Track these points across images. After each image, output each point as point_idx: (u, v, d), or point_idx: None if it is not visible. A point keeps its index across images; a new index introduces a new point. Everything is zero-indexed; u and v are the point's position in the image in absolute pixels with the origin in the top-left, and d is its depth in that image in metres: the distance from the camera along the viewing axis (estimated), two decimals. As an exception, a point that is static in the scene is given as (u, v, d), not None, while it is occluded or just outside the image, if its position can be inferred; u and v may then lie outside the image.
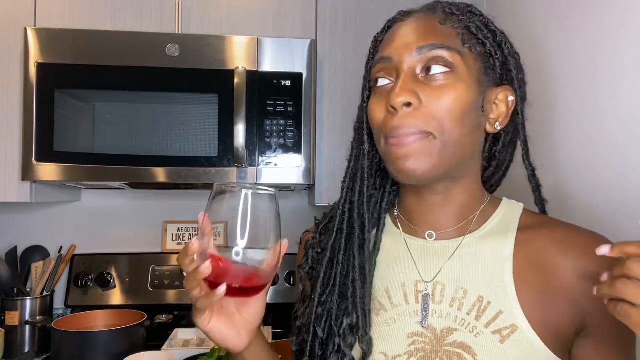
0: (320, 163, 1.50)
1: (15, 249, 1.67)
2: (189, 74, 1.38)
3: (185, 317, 1.71)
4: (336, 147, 1.51)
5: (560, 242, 0.64)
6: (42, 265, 1.66)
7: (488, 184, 0.76)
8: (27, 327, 1.55)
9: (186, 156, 1.37)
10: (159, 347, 1.41)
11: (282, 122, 1.40)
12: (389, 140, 0.64)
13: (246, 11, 1.51)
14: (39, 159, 1.35)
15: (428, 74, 0.63)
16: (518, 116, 0.68)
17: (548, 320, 0.61)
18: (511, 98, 0.67)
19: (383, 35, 0.71)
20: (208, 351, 1.33)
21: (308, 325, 0.69)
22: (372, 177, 0.72)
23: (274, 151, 1.40)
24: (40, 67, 1.35)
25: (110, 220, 1.82)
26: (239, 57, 1.40)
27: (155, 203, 1.83)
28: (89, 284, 1.71)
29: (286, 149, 1.41)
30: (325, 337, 0.68)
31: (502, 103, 0.67)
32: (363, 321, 0.65)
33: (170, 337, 1.51)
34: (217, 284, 0.57)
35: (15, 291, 1.57)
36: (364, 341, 0.65)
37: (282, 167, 1.41)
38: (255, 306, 0.65)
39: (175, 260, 1.76)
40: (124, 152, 1.36)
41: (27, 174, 1.35)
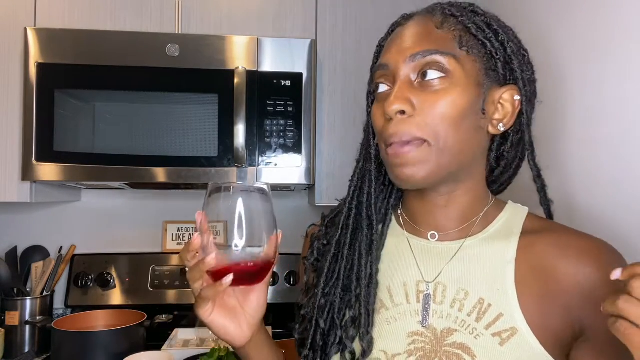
0: (320, 163, 1.50)
1: (15, 249, 1.67)
2: (189, 74, 1.38)
3: (185, 317, 1.71)
4: (336, 147, 1.52)
5: (563, 248, 0.64)
6: (42, 265, 1.66)
7: (497, 183, 0.76)
8: (27, 327, 1.55)
9: (186, 156, 1.38)
10: (159, 347, 1.41)
11: (282, 122, 1.40)
12: (387, 148, 0.65)
13: (246, 11, 1.51)
14: (39, 159, 1.35)
15: (423, 79, 0.63)
16: (523, 116, 0.67)
17: (548, 324, 0.62)
18: (517, 97, 0.66)
19: (385, 40, 0.71)
20: (208, 351, 1.33)
21: (311, 316, 0.70)
22: (380, 176, 0.73)
23: (274, 151, 1.40)
24: (40, 67, 1.35)
25: (110, 220, 1.82)
26: (239, 57, 1.40)
27: (155, 203, 1.83)
28: (89, 284, 1.71)
29: (286, 149, 1.41)
30: (327, 329, 0.68)
31: (508, 103, 0.66)
32: (366, 319, 0.66)
33: (170, 337, 1.51)
34: (219, 275, 0.60)
35: (15, 291, 1.57)
36: (365, 339, 0.65)
37: (282, 167, 1.41)
38: (256, 300, 0.67)
39: (175, 260, 1.76)
40: (124, 152, 1.36)
41: (27, 174, 1.35)
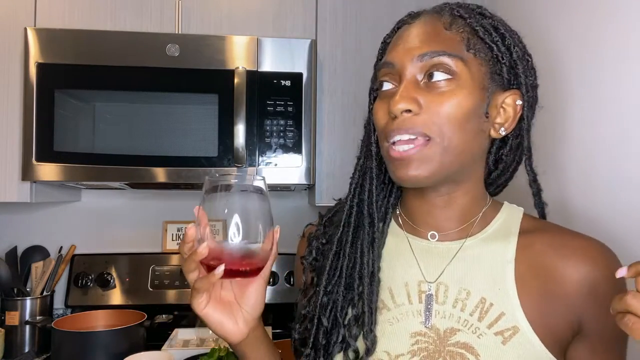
0: (320, 163, 1.50)
1: (15, 249, 1.67)
2: (189, 74, 1.38)
3: (185, 317, 1.71)
4: (336, 147, 1.51)
5: (560, 247, 0.65)
6: (42, 265, 1.66)
7: (493, 185, 0.76)
8: (27, 327, 1.55)
9: (186, 156, 1.37)
10: (159, 347, 1.41)
11: (282, 122, 1.40)
12: (389, 146, 0.64)
13: (246, 11, 1.51)
14: (39, 159, 1.35)
15: (430, 80, 0.63)
16: (523, 121, 0.68)
17: (548, 322, 0.62)
18: (519, 102, 0.67)
19: (391, 37, 0.71)
20: (208, 351, 1.33)
21: (312, 315, 0.69)
22: (380, 174, 0.73)
23: (274, 151, 1.40)
24: (40, 67, 1.35)
25: (110, 220, 1.82)
26: (239, 57, 1.40)
27: (155, 203, 1.83)
28: (89, 284, 1.71)
29: (286, 149, 1.41)
30: (329, 327, 0.68)
31: (510, 107, 0.67)
32: (369, 317, 0.66)
33: (170, 337, 1.51)
34: (215, 267, 0.59)
35: (15, 291, 1.57)
36: (368, 338, 0.65)
37: (282, 167, 1.41)
38: (254, 295, 0.66)
39: (175, 260, 1.77)
40: (124, 152, 1.36)
41: (27, 174, 1.35)
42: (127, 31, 1.44)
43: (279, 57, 1.42)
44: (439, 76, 0.62)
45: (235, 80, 1.37)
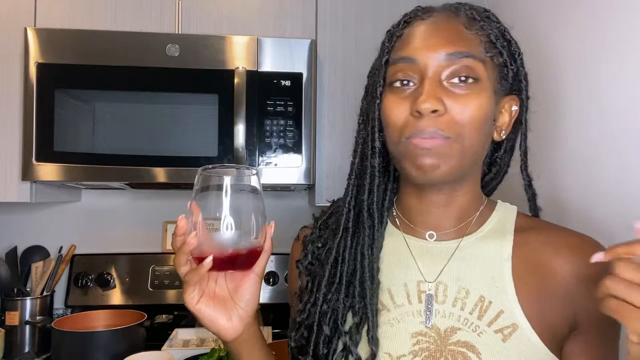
0: (320, 163, 1.50)
1: (15, 249, 1.67)
2: (189, 74, 1.38)
3: (185, 317, 1.71)
4: (336, 147, 1.51)
5: (554, 244, 0.66)
6: (42, 265, 1.66)
7: (486, 189, 0.77)
8: (27, 327, 1.55)
9: (186, 156, 1.38)
10: (159, 347, 1.41)
11: (282, 122, 1.40)
12: (407, 140, 0.63)
13: (246, 11, 1.51)
14: (39, 159, 1.35)
15: (454, 81, 0.62)
16: (521, 126, 0.69)
17: (545, 319, 0.63)
18: (514, 108, 0.69)
19: (401, 30, 0.67)
20: (208, 351, 1.33)
21: (311, 323, 0.69)
22: (381, 173, 0.72)
23: (274, 151, 1.40)
24: (40, 67, 1.35)
25: (110, 220, 1.82)
26: (239, 57, 1.40)
27: (155, 203, 1.83)
28: (89, 284, 1.71)
29: (286, 149, 1.41)
30: (330, 335, 0.67)
31: (507, 112, 0.69)
32: (373, 321, 0.65)
33: (170, 337, 1.51)
34: (204, 259, 0.59)
35: (15, 291, 1.57)
36: (373, 342, 0.64)
37: (282, 167, 1.41)
38: (249, 291, 0.65)
39: (175, 260, 1.76)
40: (124, 152, 1.36)
41: (27, 174, 1.35)
42: (127, 31, 1.44)
43: (279, 57, 1.42)
44: (463, 78, 0.62)
45: (235, 80, 1.36)
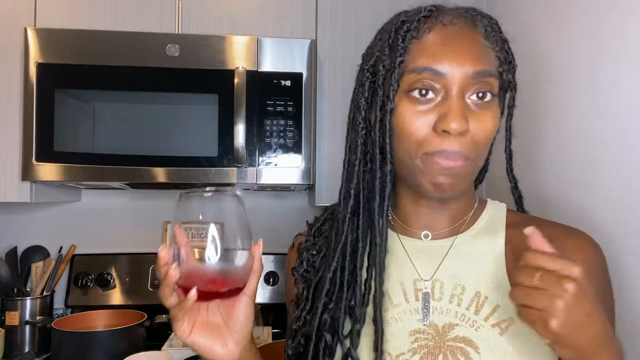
0: (320, 163, 1.50)
1: (15, 249, 1.67)
2: (189, 74, 1.38)
3: (185, 317, 1.71)
4: (336, 147, 1.51)
5: (545, 237, 0.65)
6: (42, 265, 1.66)
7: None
8: (27, 327, 1.55)
9: (186, 156, 1.38)
10: (159, 347, 1.41)
11: (282, 122, 1.40)
12: (430, 157, 0.61)
13: (246, 11, 1.51)
14: (39, 159, 1.35)
15: (473, 97, 0.62)
16: (506, 132, 0.71)
17: None
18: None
19: (421, 33, 0.63)
20: (208, 351, 1.33)
21: (311, 331, 0.68)
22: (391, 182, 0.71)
23: (274, 151, 1.40)
24: (40, 67, 1.35)
25: (110, 220, 1.82)
26: (239, 57, 1.40)
27: (155, 203, 1.83)
28: (89, 284, 1.72)
29: (286, 149, 1.41)
30: (332, 343, 0.67)
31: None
32: (380, 329, 0.64)
33: (170, 337, 1.51)
34: (190, 289, 0.57)
35: (15, 291, 1.57)
36: (379, 347, 0.64)
37: (282, 167, 1.41)
38: (243, 314, 0.64)
39: (175, 260, 1.76)
40: (124, 152, 1.36)
41: (27, 174, 1.35)
42: (127, 31, 1.44)
43: (279, 57, 1.42)
44: (486, 96, 0.62)
45: (235, 80, 1.37)
